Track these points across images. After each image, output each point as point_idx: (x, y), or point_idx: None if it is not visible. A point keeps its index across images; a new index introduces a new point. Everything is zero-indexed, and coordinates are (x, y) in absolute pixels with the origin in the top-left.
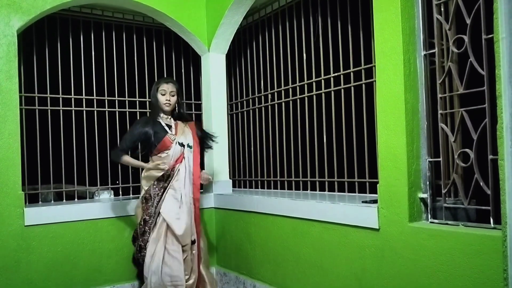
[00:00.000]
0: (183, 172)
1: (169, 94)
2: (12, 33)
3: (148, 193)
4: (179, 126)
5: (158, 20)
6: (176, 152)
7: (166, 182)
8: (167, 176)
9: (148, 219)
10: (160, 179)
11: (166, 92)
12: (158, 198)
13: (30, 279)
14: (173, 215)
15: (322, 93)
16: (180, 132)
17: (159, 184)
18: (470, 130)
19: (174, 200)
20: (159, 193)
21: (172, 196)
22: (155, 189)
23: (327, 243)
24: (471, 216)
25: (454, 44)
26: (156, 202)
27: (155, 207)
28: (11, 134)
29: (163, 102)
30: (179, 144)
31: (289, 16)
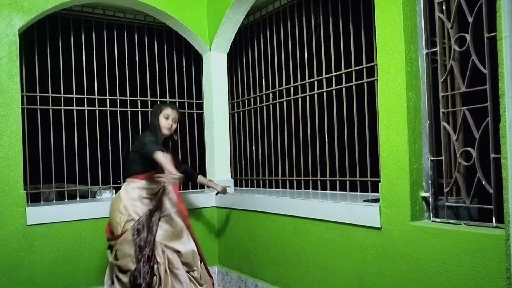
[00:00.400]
0: (169, 201)
1: (172, 120)
2: (13, 32)
3: (141, 224)
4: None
5: (159, 19)
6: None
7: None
8: (158, 200)
9: (144, 246)
10: (151, 210)
11: (169, 116)
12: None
13: (32, 278)
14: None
15: (324, 92)
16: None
17: (151, 214)
18: (472, 128)
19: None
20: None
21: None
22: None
23: (329, 242)
24: (473, 215)
25: (456, 43)
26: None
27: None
28: (13, 134)
29: (165, 126)
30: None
31: (290, 15)
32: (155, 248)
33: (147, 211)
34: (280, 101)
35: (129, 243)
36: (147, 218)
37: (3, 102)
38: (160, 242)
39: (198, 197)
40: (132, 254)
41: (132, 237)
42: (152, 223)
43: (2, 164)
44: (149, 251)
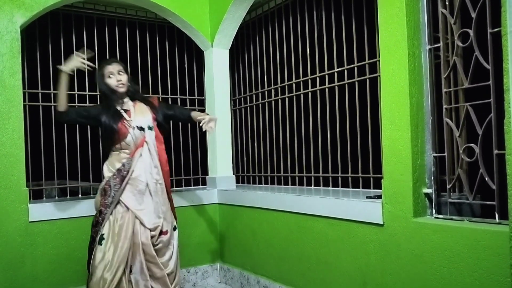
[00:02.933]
0: (146, 158)
1: (118, 74)
2: (15, 29)
3: (108, 184)
4: (137, 107)
5: (161, 15)
6: (136, 138)
7: (126, 171)
8: (127, 164)
9: (104, 210)
10: (120, 169)
11: (114, 72)
12: (116, 188)
13: (35, 274)
14: (135, 205)
15: (326, 88)
16: (138, 113)
17: (119, 174)
18: (475, 124)
19: (135, 191)
20: (118, 183)
21: (132, 187)
22: (115, 179)
23: (331, 239)
24: (476, 211)
25: (459, 38)
26: (114, 192)
27: (112, 197)
28: (15, 130)
29: (115, 84)
30: (138, 128)
31: (292, 11)
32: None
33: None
34: (282, 97)
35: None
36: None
37: (5, 99)
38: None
39: (200, 194)
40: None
41: (100, 196)
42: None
43: (4, 161)
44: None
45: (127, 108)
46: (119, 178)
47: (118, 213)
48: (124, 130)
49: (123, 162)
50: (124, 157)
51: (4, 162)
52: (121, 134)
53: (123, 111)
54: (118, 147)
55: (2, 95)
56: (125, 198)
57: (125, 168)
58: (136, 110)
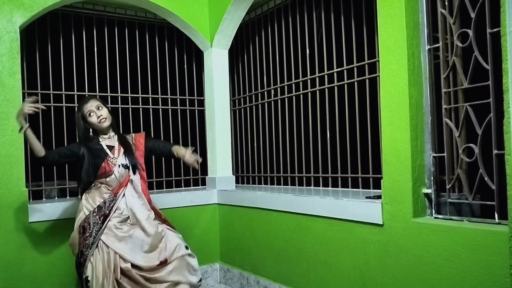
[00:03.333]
0: (130, 196)
1: (97, 109)
2: (14, 29)
3: (87, 222)
4: (123, 144)
5: (160, 15)
6: (120, 176)
7: (108, 209)
8: (110, 201)
9: (85, 251)
10: (101, 206)
11: (92, 110)
12: (98, 227)
13: (34, 275)
14: (119, 246)
15: (326, 88)
16: (123, 151)
17: (100, 212)
18: (475, 125)
19: (117, 230)
20: (99, 221)
21: (114, 226)
22: (95, 217)
23: (330, 239)
24: (475, 211)
25: (458, 38)
26: (96, 231)
27: (94, 237)
28: (14, 131)
29: (97, 121)
30: (123, 166)
31: (292, 11)
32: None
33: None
34: (281, 97)
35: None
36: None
37: (4, 100)
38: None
39: (200, 194)
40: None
41: (78, 235)
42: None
43: (3, 162)
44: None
45: (112, 144)
46: (100, 216)
47: (99, 253)
48: (108, 168)
49: (104, 199)
50: (105, 192)
51: (4, 162)
52: (105, 172)
53: (107, 148)
54: (100, 182)
55: (1, 95)
56: (106, 239)
57: (106, 206)
58: (120, 148)
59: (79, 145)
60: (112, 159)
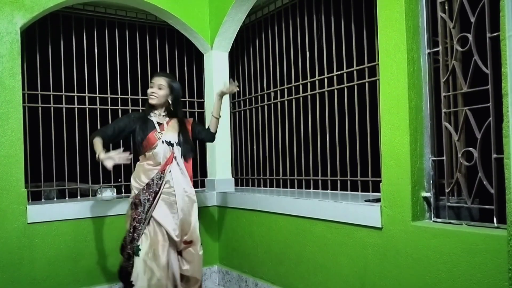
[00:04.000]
0: (176, 175)
1: (157, 87)
2: (15, 30)
3: (138, 199)
4: (171, 124)
5: (161, 18)
6: (164, 152)
7: (157, 186)
8: (158, 179)
9: (138, 226)
10: (150, 184)
11: (154, 84)
12: (149, 204)
13: (33, 276)
14: (168, 221)
15: (325, 91)
16: (170, 130)
17: (149, 189)
18: (474, 129)
19: (167, 206)
20: (150, 198)
21: (165, 202)
22: (145, 194)
23: (329, 242)
24: (474, 215)
25: (458, 43)
26: (147, 207)
27: (146, 213)
28: (14, 132)
29: (149, 93)
30: (167, 143)
31: (292, 14)
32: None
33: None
34: (281, 100)
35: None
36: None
37: (4, 100)
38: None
39: (199, 196)
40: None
41: (130, 210)
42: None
43: (3, 162)
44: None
45: (161, 121)
46: (150, 193)
47: (151, 229)
48: (153, 140)
49: (152, 177)
50: (150, 169)
51: (3, 163)
52: (149, 143)
53: (157, 124)
54: (144, 158)
55: (1, 96)
56: (156, 215)
57: (155, 183)
58: (168, 126)
59: (131, 118)
60: (157, 134)
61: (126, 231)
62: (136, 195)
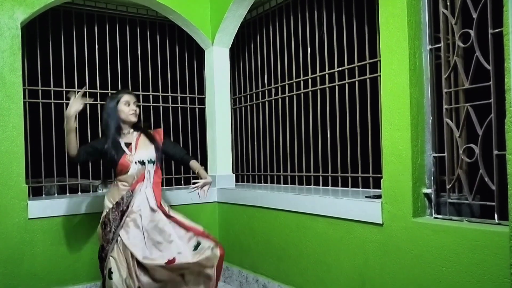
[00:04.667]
0: (144, 193)
1: (133, 104)
2: (16, 26)
3: (107, 218)
4: (141, 140)
5: (162, 13)
6: (137, 172)
7: (125, 205)
8: (127, 197)
9: (106, 246)
10: (119, 203)
11: (130, 102)
12: (116, 223)
13: (34, 272)
14: (135, 242)
15: (326, 87)
16: (142, 146)
17: (118, 208)
18: (475, 125)
19: (133, 225)
20: (117, 217)
21: (132, 222)
22: (114, 213)
23: (330, 238)
24: (475, 211)
25: (460, 39)
26: (115, 227)
27: (113, 232)
28: (14, 127)
29: (130, 112)
30: (140, 162)
31: (293, 10)
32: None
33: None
34: (282, 96)
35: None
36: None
37: (5, 96)
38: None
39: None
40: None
41: (100, 229)
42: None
43: (4, 158)
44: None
45: (129, 141)
46: (118, 212)
47: (117, 248)
48: (125, 164)
49: (122, 195)
50: (123, 189)
51: (4, 159)
52: (122, 168)
53: (125, 145)
54: (118, 179)
55: (2, 91)
56: (123, 234)
57: (124, 202)
58: (139, 144)
59: (100, 141)
60: (129, 156)
61: (98, 249)
62: (106, 213)
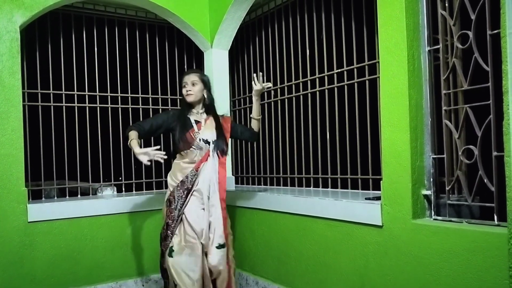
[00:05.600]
0: (208, 172)
1: (190, 84)
2: (15, 29)
3: (172, 195)
4: (209, 121)
5: (161, 16)
6: (201, 150)
7: (191, 183)
8: (192, 176)
9: (171, 223)
10: (184, 181)
11: (186, 83)
12: (182, 201)
13: (34, 275)
14: (195, 216)
15: (326, 89)
16: (208, 127)
17: (183, 186)
18: (475, 126)
19: (197, 203)
20: (183, 195)
21: (196, 199)
22: (179, 191)
23: (330, 240)
24: (474, 213)
25: (458, 40)
26: (180, 205)
27: (179, 210)
28: (14, 130)
29: (185, 93)
30: (204, 141)
31: (292, 12)
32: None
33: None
34: (281, 98)
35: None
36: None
37: (4, 99)
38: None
39: None
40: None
41: (165, 207)
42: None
43: (3, 161)
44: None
45: (199, 119)
46: (183, 190)
47: (182, 228)
48: (190, 139)
49: (186, 174)
50: (186, 167)
51: (3, 162)
52: (187, 142)
53: (194, 122)
54: (181, 156)
55: (1, 95)
56: (187, 212)
57: (188, 180)
58: (206, 124)
59: (169, 115)
60: (195, 133)
61: (162, 227)
62: (171, 192)
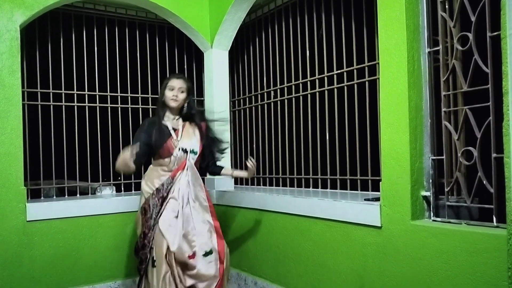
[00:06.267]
0: (184, 181)
1: (178, 90)
2: (15, 28)
3: (147, 204)
4: (186, 129)
5: (161, 16)
6: (179, 159)
7: (166, 191)
8: (168, 184)
9: (147, 232)
10: (159, 189)
11: (174, 87)
12: (157, 209)
13: (32, 274)
14: (167, 225)
15: (325, 90)
16: (186, 135)
17: (158, 194)
18: (474, 128)
19: (171, 213)
20: (158, 204)
21: (171, 207)
22: (154, 199)
23: (329, 241)
24: (473, 214)
25: (458, 42)
26: (155, 213)
27: (154, 219)
28: (13, 130)
29: (170, 97)
30: (182, 150)
31: (292, 13)
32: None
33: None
34: (281, 99)
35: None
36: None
37: (4, 98)
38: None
39: None
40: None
41: (140, 215)
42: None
43: (2, 160)
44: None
45: (176, 127)
46: (158, 198)
47: (157, 235)
48: (170, 148)
49: (162, 181)
50: (162, 175)
51: (3, 161)
52: (166, 151)
53: (172, 130)
54: (158, 163)
55: (1, 94)
56: (161, 221)
57: (164, 188)
58: (184, 132)
59: (148, 127)
60: (174, 141)
61: (138, 237)
62: (146, 199)
